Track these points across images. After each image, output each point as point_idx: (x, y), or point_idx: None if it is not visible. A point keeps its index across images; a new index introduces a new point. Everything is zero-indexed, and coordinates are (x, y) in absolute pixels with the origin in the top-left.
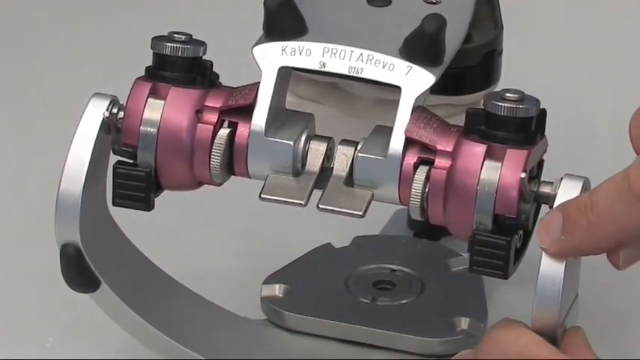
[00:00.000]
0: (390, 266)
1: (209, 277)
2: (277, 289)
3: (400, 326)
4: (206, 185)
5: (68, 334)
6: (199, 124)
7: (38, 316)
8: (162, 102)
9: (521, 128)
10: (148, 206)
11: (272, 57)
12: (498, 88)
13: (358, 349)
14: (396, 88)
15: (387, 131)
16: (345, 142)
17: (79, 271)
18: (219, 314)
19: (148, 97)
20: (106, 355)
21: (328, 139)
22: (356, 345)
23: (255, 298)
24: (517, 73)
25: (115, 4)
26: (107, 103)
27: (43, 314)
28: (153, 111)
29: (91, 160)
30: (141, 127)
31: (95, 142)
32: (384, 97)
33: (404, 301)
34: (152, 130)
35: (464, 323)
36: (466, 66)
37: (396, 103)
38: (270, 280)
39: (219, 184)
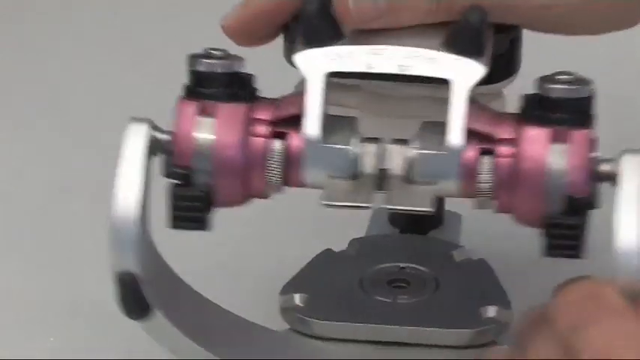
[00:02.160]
0: (398, 264)
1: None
2: (297, 299)
3: (430, 321)
4: None
5: (68, 334)
6: (252, 138)
7: (38, 316)
8: (212, 120)
9: (580, 108)
10: (205, 226)
11: (317, 63)
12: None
13: (392, 349)
14: (432, 84)
15: (438, 126)
16: (397, 141)
17: (135, 299)
18: (263, 334)
19: (196, 117)
20: (106, 355)
21: (378, 140)
22: (387, 345)
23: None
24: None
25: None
26: (147, 127)
27: (43, 314)
28: (204, 130)
29: (141, 186)
30: (194, 147)
31: (143, 167)
32: (419, 94)
33: (425, 297)
34: (206, 149)
35: (491, 312)
36: (496, 54)
37: (427, 99)
38: (286, 290)
39: (269, 197)
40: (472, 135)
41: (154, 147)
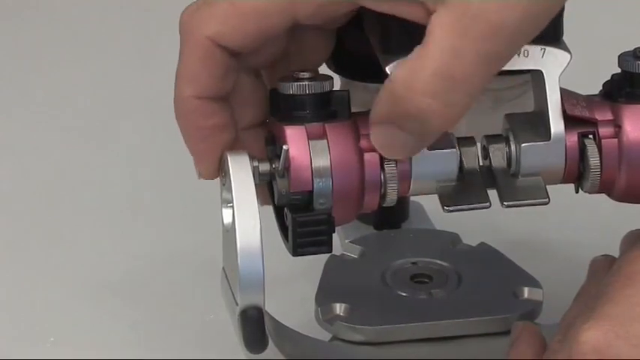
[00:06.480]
0: (408, 260)
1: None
2: (337, 309)
3: (475, 312)
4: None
5: (68, 334)
6: (366, 154)
7: (38, 316)
8: (324, 142)
9: None
10: (330, 248)
11: None
12: None
13: (446, 344)
14: None
15: (526, 117)
16: (490, 137)
17: (259, 333)
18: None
19: (308, 141)
20: (106, 355)
21: (471, 139)
22: (441, 341)
23: None
24: None
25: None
26: (247, 157)
27: (43, 314)
28: (319, 153)
29: (259, 217)
30: (313, 171)
31: (255, 199)
32: None
33: (459, 289)
34: (325, 171)
35: (526, 292)
36: None
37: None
38: (321, 301)
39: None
40: (570, 121)
41: (270, 175)
